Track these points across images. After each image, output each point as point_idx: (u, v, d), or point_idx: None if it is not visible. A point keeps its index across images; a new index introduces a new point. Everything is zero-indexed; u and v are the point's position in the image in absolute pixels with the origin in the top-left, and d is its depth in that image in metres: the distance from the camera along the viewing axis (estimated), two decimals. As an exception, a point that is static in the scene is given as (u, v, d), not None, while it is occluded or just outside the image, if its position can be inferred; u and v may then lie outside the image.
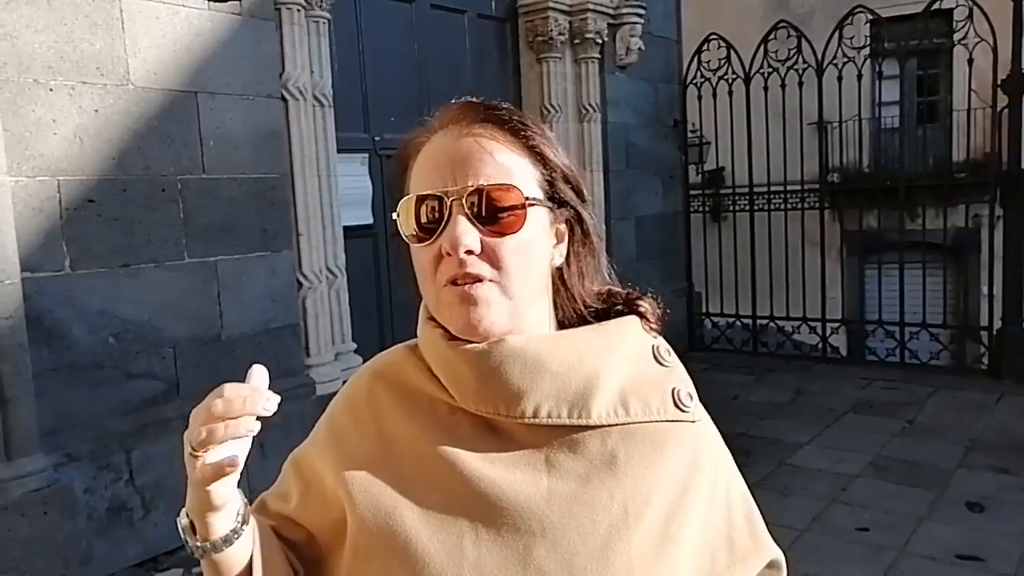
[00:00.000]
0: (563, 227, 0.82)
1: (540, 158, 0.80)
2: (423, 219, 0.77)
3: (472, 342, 0.77)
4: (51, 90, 3.19)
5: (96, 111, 3.33)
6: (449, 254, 0.75)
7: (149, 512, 3.46)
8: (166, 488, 3.50)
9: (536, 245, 0.79)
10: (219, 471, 0.67)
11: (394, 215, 0.81)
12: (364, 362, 3.74)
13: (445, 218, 0.76)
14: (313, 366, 4.26)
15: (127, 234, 3.44)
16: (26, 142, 3.12)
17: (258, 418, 0.67)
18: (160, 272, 3.56)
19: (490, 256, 0.75)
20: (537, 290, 0.80)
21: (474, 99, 0.82)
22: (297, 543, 0.85)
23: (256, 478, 3.98)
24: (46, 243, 3.19)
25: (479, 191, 0.75)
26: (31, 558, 2.95)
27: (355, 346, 4.55)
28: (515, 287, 0.77)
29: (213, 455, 0.67)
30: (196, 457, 0.67)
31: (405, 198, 0.79)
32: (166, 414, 3.55)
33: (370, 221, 4.90)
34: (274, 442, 4.54)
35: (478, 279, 0.75)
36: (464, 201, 0.75)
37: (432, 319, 0.82)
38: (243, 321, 3.89)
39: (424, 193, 0.77)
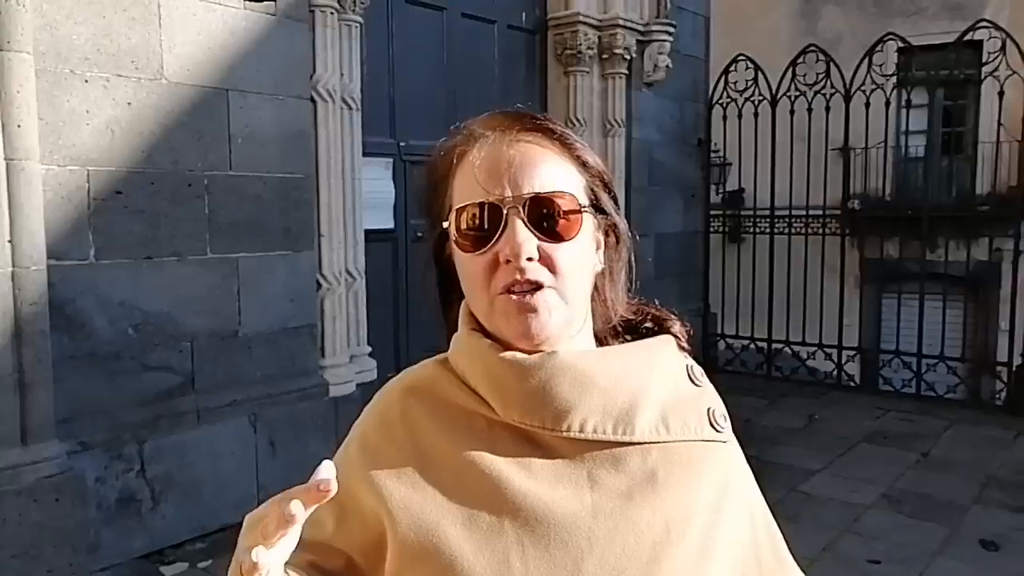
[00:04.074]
0: (601, 235, 0.83)
1: (584, 167, 0.81)
2: (478, 226, 0.76)
3: (521, 352, 0.77)
4: (86, 81, 3.23)
5: (129, 104, 3.36)
6: (508, 261, 0.74)
7: (158, 504, 3.46)
8: (175, 481, 3.51)
9: (587, 251, 0.80)
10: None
11: (444, 224, 0.80)
12: (378, 365, 3.72)
13: (502, 225, 0.75)
14: (328, 367, 4.26)
15: (152, 227, 3.47)
16: (59, 131, 3.16)
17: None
18: (182, 266, 3.58)
19: (547, 262, 0.75)
20: (586, 295, 0.81)
21: (517, 108, 0.83)
22: (335, 572, 0.82)
23: (266, 474, 4.01)
24: (73, 232, 3.22)
25: (537, 198, 0.76)
26: (40, 544, 2.96)
27: (370, 349, 4.56)
28: (571, 292, 0.77)
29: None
30: None
31: (459, 205, 0.78)
32: (180, 407, 3.56)
33: (391, 225, 4.92)
34: (285, 441, 4.54)
35: (537, 286, 0.75)
36: (522, 208, 0.75)
37: (476, 330, 0.81)
38: (261, 319, 3.90)
39: (481, 200, 0.76)
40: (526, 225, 0.75)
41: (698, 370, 0.86)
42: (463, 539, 0.74)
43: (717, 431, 0.82)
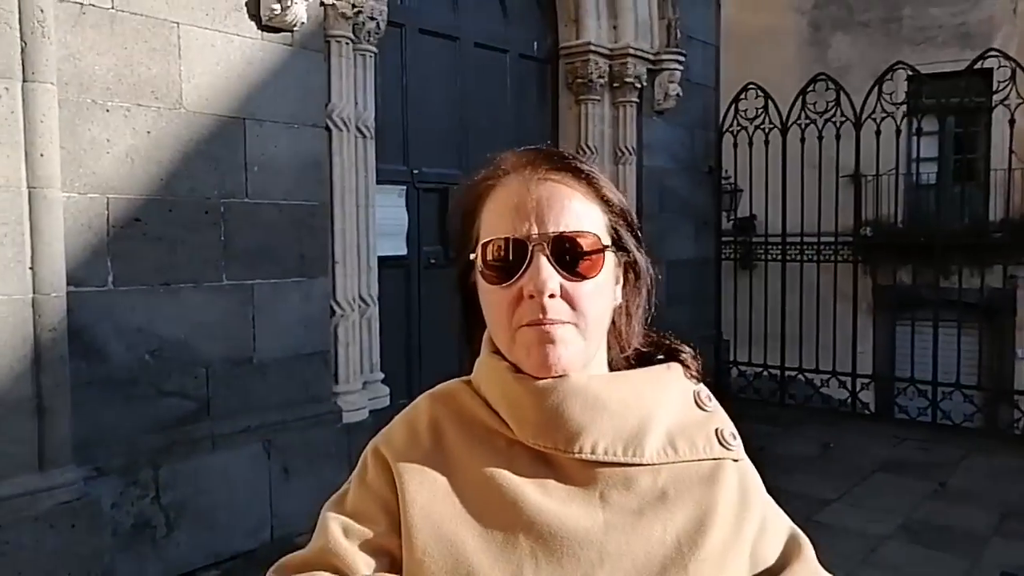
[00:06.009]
0: (620, 271, 0.86)
1: (608, 205, 0.84)
2: (504, 261, 0.79)
3: (538, 378, 0.79)
4: (107, 111, 3.29)
5: (148, 132, 3.42)
6: (532, 296, 0.77)
7: (172, 531, 3.46)
8: (190, 507, 3.51)
9: (607, 288, 0.82)
10: None
11: (471, 255, 0.83)
12: (391, 392, 3.75)
13: (527, 261, 0.78)
14: (340, 394, 4.26)
15: (169, 254, 3.51)
16: (80, 159, 3.21)
17: None
18: (198, 293, 3.61)
19: (569, 299, 0.78)
20: (603, 330, 0.84)
21: (545, 146, 0.87)
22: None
23: (280, 501, 4.01)
24: (92, 259, 3.26)
25: (561, 237, 0.78)
26: (55, 570, 2.95)
27: (383, 376, 4.56)
28: (590, 329, 0.80)
29: None
30: None
31: (486, 239, 0.81)
32: (196, 433, 3.57)
33: (404, 252, 4.95)
34: (298, 467, 4.54)
35: (558, 322, 0.78)
36: (547, 245, 0.78)
37: (497, 352, 0.84)
38: (275, 345, 3.92)
39: (507, 236, 0.79)
40: (550, 262, 0.78)
41: (705, 394, 0.88)
42: (480, 550, 0.76)
43: (727, 448, 0.84)
